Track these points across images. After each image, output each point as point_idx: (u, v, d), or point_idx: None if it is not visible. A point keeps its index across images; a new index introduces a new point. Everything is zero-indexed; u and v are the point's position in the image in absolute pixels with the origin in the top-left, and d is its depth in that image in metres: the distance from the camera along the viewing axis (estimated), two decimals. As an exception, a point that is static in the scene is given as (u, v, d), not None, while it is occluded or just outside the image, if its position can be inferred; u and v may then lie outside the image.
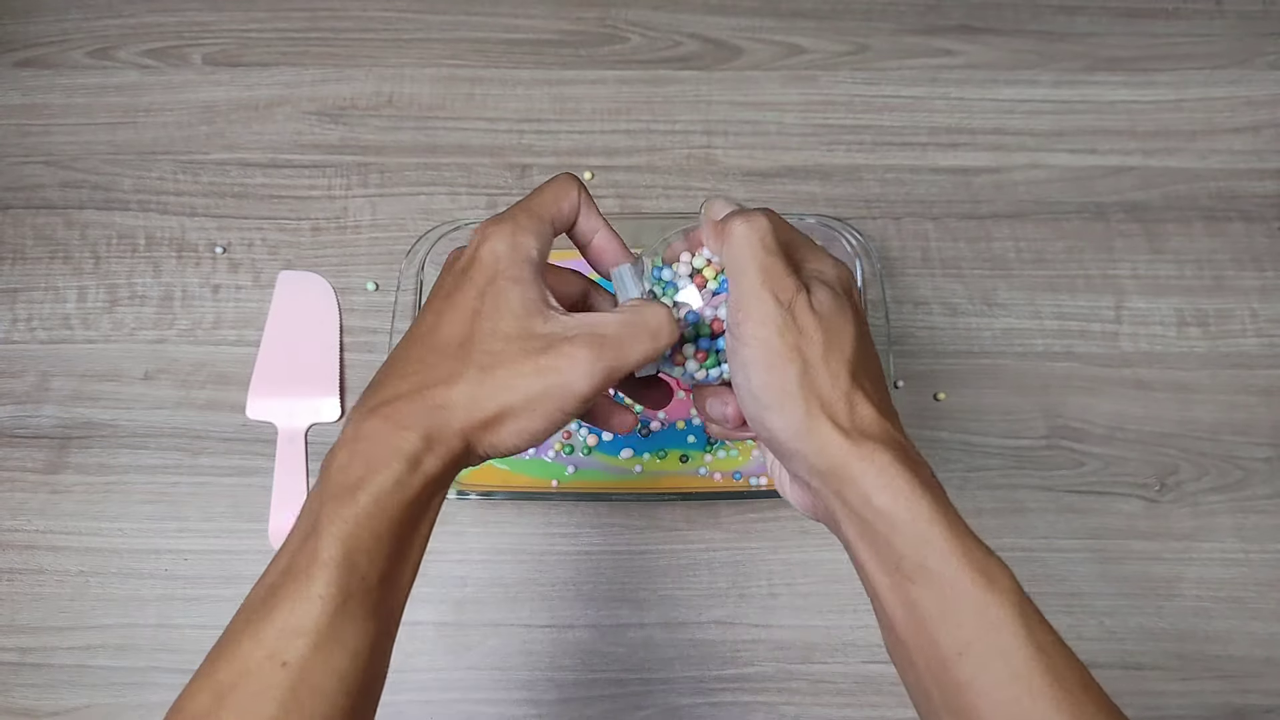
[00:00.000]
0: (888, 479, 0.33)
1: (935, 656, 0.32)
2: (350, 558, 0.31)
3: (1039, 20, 0.70)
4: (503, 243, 0.35)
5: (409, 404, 0.33)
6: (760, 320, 0.34)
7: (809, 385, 0.34)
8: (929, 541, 0.32)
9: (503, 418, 0.33)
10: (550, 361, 0.33)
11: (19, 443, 0.60)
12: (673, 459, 0.58)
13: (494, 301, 0.34)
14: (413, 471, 0.32)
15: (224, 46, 0.68)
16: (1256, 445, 0.60)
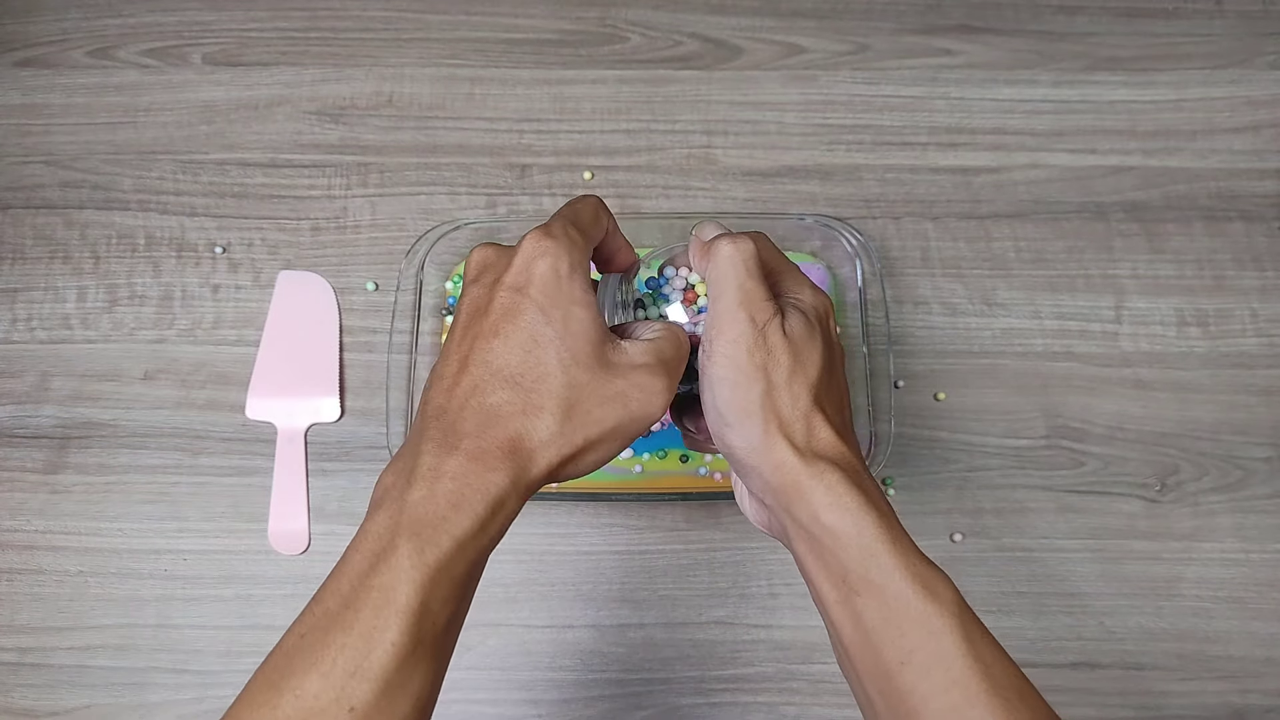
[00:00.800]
0: (835, 497, 0.34)
1: (879, 666, 0.34)
2: (426, 605, 0.30)
3: (1039, 20, 0.70)
4: (563, 262, 0.34)
5: (495, 444, 0.32)
6: (733, 339, 0.35)
7: (770, 405, 0.35)
8: (873, 556, 0.34)
9: (585, 450, 0.34)
10: (631, 392, 0.34)
11: (19, 443, 0.60)
12: (673, 459, 0.58)
13: (564, 329, 0.33)
14: (496, 515, 0.31)
15: (224, 46, 0.68)
16: (1256, 445, 0.60)
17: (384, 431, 0.56)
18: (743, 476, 0.38)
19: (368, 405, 0.60)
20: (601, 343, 0.34)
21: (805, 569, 0.36)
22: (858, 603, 0.34)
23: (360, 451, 0.60)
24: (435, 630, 0.30)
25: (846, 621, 0.35)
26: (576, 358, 0.33)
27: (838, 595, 0.35)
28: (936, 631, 0.33)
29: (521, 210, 0.64)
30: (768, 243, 0.39)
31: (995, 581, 0.57)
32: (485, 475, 0.31)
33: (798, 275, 0.40)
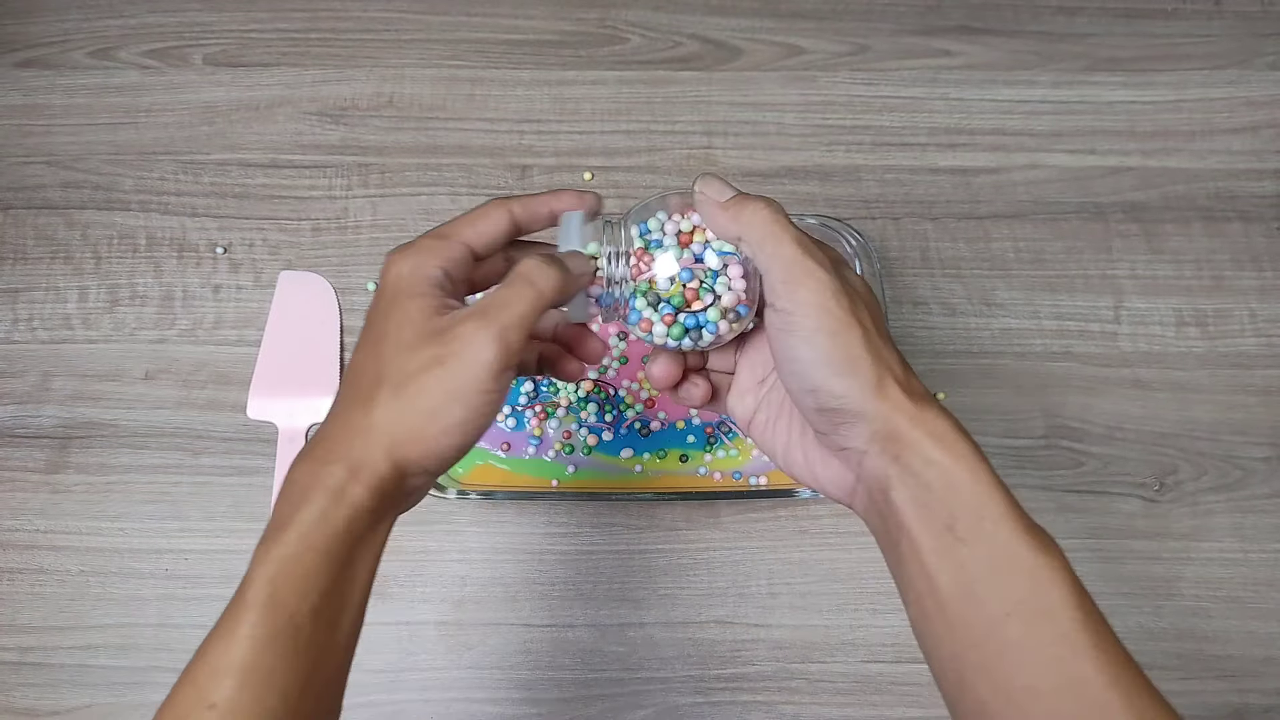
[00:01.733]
0: (950, 443, 0.34)
1: (980, 616, 0.33)
2: (277, 596, 0.31)
3: (1038, 21, 0.70)
4: (405, 266, 0.36)
5: (333, 440, 0.34)
6: (814, 288, 0.35)
7: (873, 349, 0.35)
8: (987, 505, 0.33)
9: (423, 425, 0.34)
10: (448, 348, 0.34)
11: (20, 442, 0.60)
12: (673, 459, 0.58)
13: (398, 319, 0.35)
14: (337, 503, 0.32)
15: (225, 47, 0.68)
16: (1255, 445, 0.60)
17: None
18: (837, 431, 0.36)
19: (368, 405, 0.61)
20: (428, 319, 0.35)
21: (901, 519, 0.35)
22: (963, 551, 0.33)
23: (361, 451, 0.60)
24: (296, 621, 0.31)
25: (946, 571, 0.34)
26: (404, 341, 0.34)
27: (939, 544, 0.34)
28: (1045, 583, 0.32)
29: (522, 211, 0.65)
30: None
31: (994, 581, 0.57)
32: (322, 469, 0.33)
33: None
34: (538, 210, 0.39)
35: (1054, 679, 0.32)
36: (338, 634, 0.33)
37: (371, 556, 0.34)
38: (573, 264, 0.38)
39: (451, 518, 0.59)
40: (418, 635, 0.57)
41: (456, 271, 0.37)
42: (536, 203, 0.39)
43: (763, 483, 0.58)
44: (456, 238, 0.37)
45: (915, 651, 0.56)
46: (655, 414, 0.59)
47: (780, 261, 0.35)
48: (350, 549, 0.33)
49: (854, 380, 0.35)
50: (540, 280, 0.35)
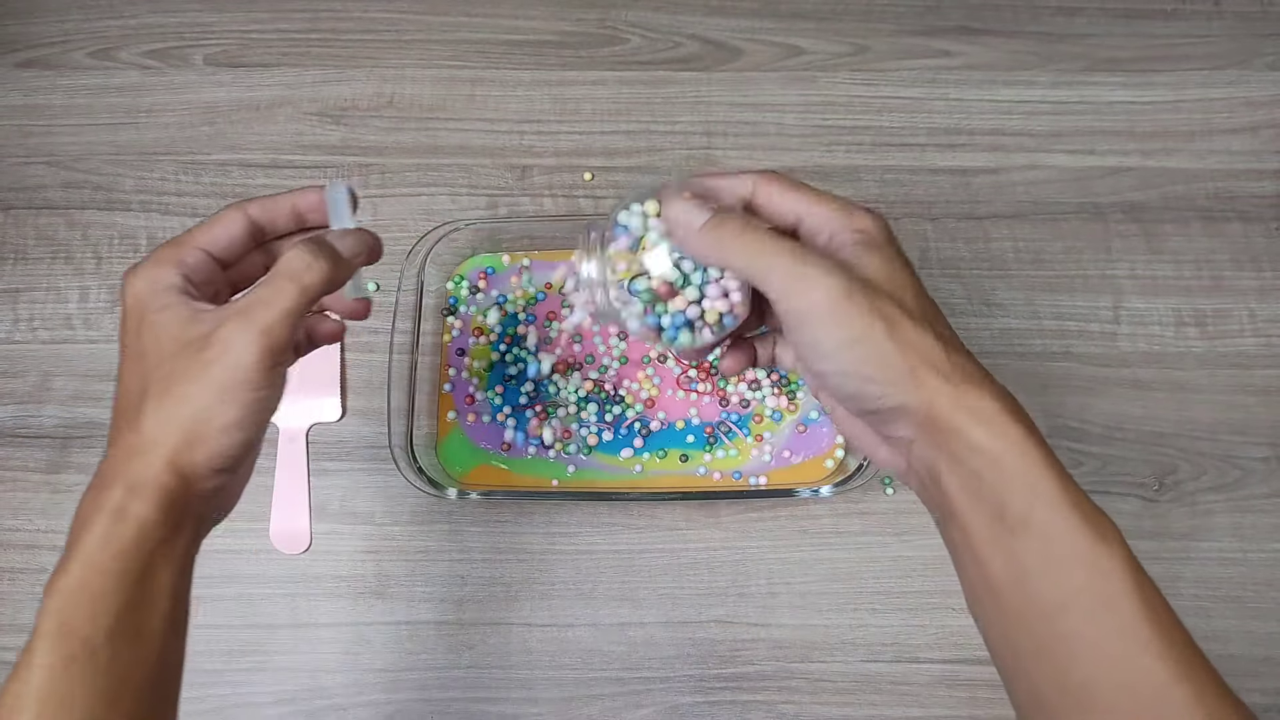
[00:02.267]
0: (996, 427, 0.32)
1: (1035, 608, 0.32)
2: (67, 624, 0.32)
3: (1038, 21, 0.70)
4: (140, 281, 0.36)
5: (109, 464, 0.34)
6: (819, 298, 0.33)
7: (901, 340, 0.33)
8: (1038, 492, 0.32)
9: (199, 428, 0.34)
10: (212, 351, 0.34)
11: (21, 442, 0.60)
12: (673, 459, 0.58)
13: (151, 334, 0.35)
14: (119, 522, 0.33)
15: (225, 47, 0.68)
16: (1254, 445, 0.60)
17: (385, 431, 0.56)
18: (883, 424, 0.35)
19: (369, 405, 0.61)
20: (185, 326, 0.35)
21: (953, 508, 0.34)
22: (1014, 542, 0.32)
23: (361, 451, 0.60)
24: (91, 645, 0.31)
25: (997, 560, 0.33)
26: (164, 352, 0.35)
27: (990, 533, 0.33)
28: (1104, 574, 0.31)
29: (522, 211, 0.65)
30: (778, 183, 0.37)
31: (994, 581, 0.58)
32: (101, 494, 0.33)
33: (833, 201, 0.37)
34: (277, 209, 0.40)
35: (1115, 674, 0.30)
36: (145, 647, 0.33)
37: (173, 568, 0.34)
38: (343, 245, 0.37)
39: (451, 518, 0.59)
40: (418, 635, 0.57)
41: (197, 275, 0.37)
42: (275, 202, 0.40)
43: (763, 483, 0.58)
44: (190, 244, 0.38)
45: (915, 651, 0.57)
46: (655, 414, 0.59)
47: (778, 279, 0.34)
48: (144, 565, 0.33)
49: (885, 381, 0.33)
50: (304, 275, 0.35)
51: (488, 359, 0.60)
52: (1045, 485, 0.32)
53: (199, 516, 0.35)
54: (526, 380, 0.60)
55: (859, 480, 0.54)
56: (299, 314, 0.35)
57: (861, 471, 0.55)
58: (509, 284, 0.62)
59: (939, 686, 0.56)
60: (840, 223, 0.36)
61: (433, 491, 0.55)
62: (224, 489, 0.36)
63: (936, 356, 0.33)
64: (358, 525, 0.59)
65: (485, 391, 0.60)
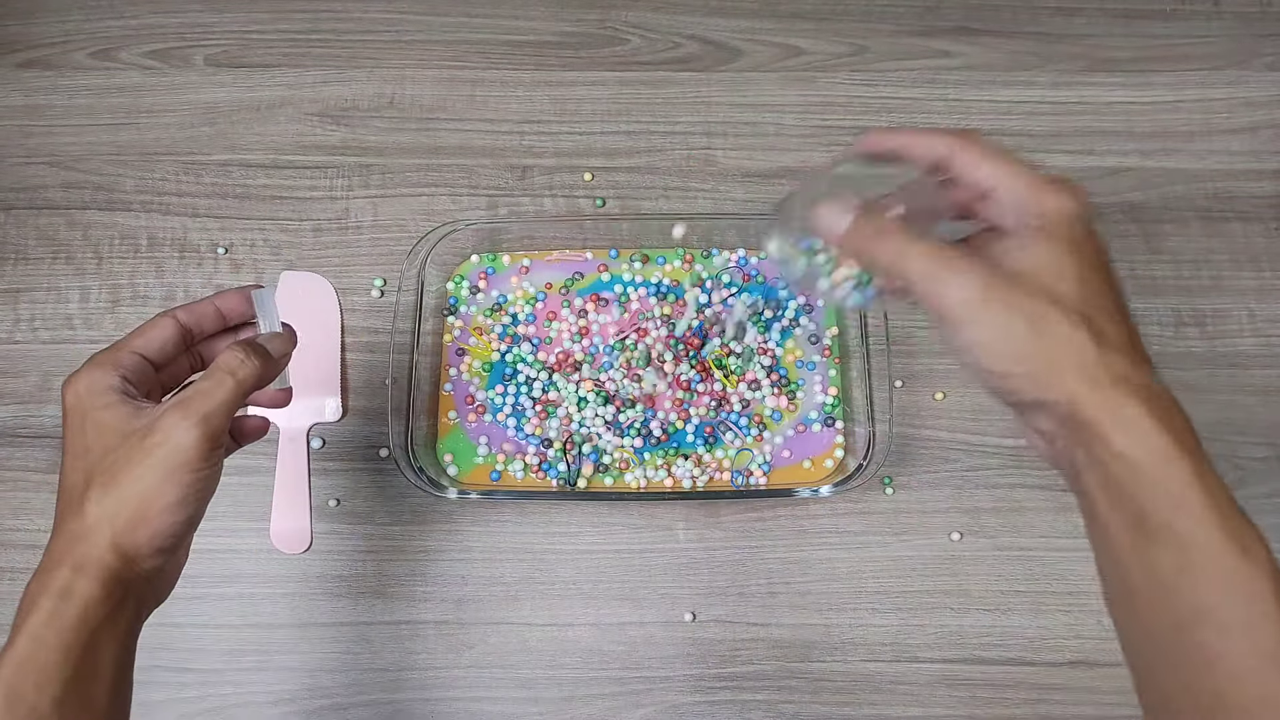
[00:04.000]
0: (1139, 434, 0.32)
1: (1171, 616, 0.31)
2: (15, 692, 0.34)
3: (1037, 21, 0.70)
4: (81, 384, 0.39)
5: (55, 548, 0.37)
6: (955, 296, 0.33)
7: (1047, 339, 0.33)
8: (1181, 504, 0.31)
9: (143, 509, 0.37)
10: (154, 438, 0.37)
11: (21, 442, 0.60)
12: (673, 459, 0.58)
13: (95, 431, 0.38)
14: (64, 600, 0.36)
15: (226, 48, 0.69)
16: (1254, 445, 0.60)
17: (385, 431, 0.56)
18: (1025, 416, 0.35)
19: (369, 405, 0.61)
20: (128, 421, 0.38)
21: (1094, 507, 0.33)
22: (1153, 550, 0.31)
23: (362, 451, 0.60)
24: (38, 712, 0.34)
25: (1135, 566, 0.32)
26: (107, 445, 0.38)
27: (1129, 539, 0.32)
28: (1244, 592, 0.30)
29: (522, 211, 0.65)
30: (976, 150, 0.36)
31: (994, 580, 0.58)
32: (47, 576, 0.37)
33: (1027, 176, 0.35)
34: (203, 312, 0.44)
35: (1249, 692, 0.30)
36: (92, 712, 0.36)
37: (116, 642, 0.37)
38: (272, 347, 0.41)
39: (452, 517, 0.59)
40: (418, 634, 0.57)
41: (134, 376, 0.40)
42: (200, 306, 0.44)
43: (762, 483, 0.58)
44: (127, 348, 0.41)
45: (915, 651, 0.57)
46: (655, 414, 0.59)
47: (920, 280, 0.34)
48: (88, 639, 0.36)
49: (1022, 375, 0.33)
50: (240, 371, 0.39)
51: (488, 359, 0.60)
52: (1189, 496, 0.31)
53: (140, 597, 0.38)
54: (526, 381, 0.60)
55: (859, 480, 0.55)
56: (234, 404, 0.39)
57: (861, 471, 0.55)
58: (509, 284, 0.62)
59: (939, 686, 0.56)
60: (1027, 205, 0.35)
61: (433, 491, 0.55)
62: (163, 570, 0.40)
63: (1087, 356, 0.33)
64: (358, 525, 0.59)
65: (485, 391, 0.60)
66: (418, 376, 0.57)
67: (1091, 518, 0.34)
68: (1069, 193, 0.35)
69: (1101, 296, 0.34)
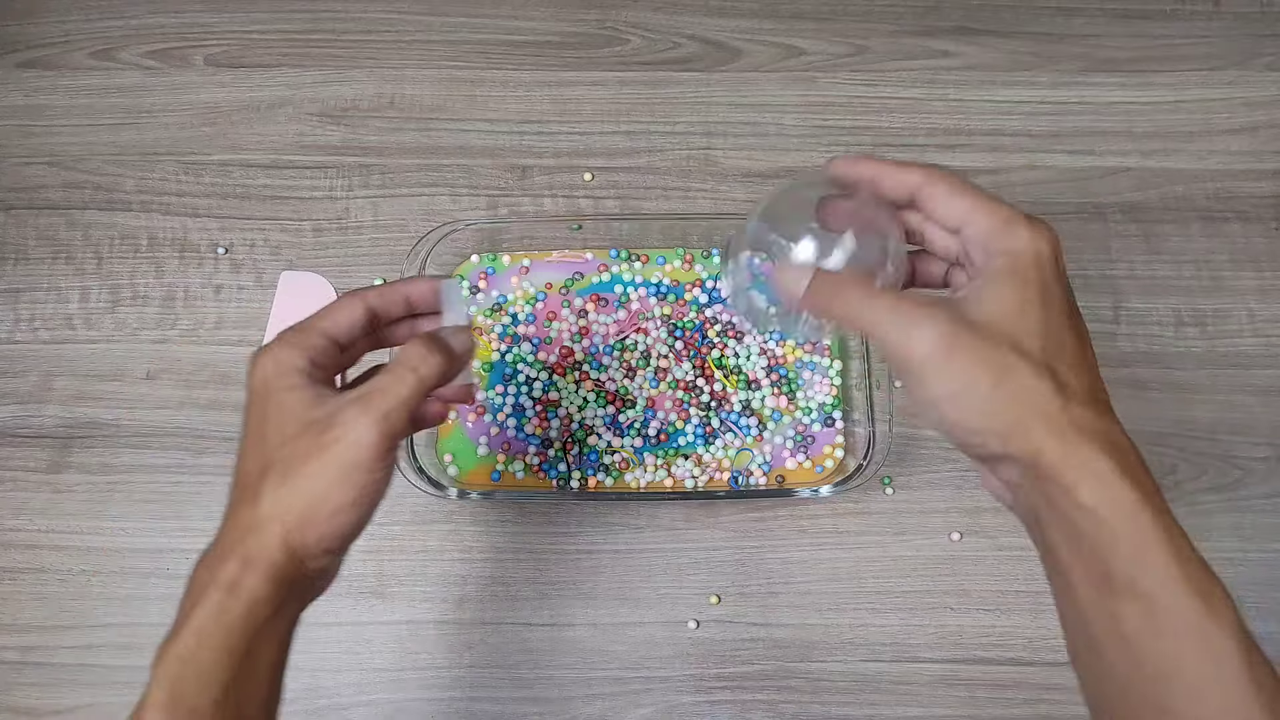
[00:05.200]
0: (1109, 486, 0.31)
1: (1137, 673, 0.31)
2: (176, 694, 0.33)
3: (1037, 22, 0.70)
4: (268, 362, 0.37)
5: (226, 538, 0.36)
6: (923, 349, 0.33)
7: (1011, 392, 0.32)
8: (1146, 559, 0.31)
9: (314, 506, 0.35)
10: (331, 434, 0.35)
11: (22, 442, 0.60)
12: (673, 458, 0.58)
13: (276, 415, 0.37)
14: (232, 595, 0.34)
15: (226, 48, 0.69)
16: (1254, 445, 0.60)
17: (385, 431, 0.56)
18: (990, 466, 0.35)
19: (369, 405, 0.61)
20: (309, 409, 0.36)
21: (1057, 561, 0.33)
22: (1119, 606, 0.31)
23: (362, 451, 0.60)
24: (197, 715, 0.33)
25: (1100, 621, 0.32)
26: (286, 433, 0.36)
27: (1095, 594, 0.32)
28: (1214, 652, 0.30)
29: (523, 211, 0.65)
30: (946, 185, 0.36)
31: (994, 580, 0.58)
32: (217, 567, 0.35)
33: (998, 213, 0.35)
34: (393, 297, 0.41)
35: None
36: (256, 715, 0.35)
37: (276, 644, 0.36)
38: (456, 342, 0.39)
39: (452, 518, 0.59)
40: (418, 634, 0.57)
41: (321, 359, 0.38)
42: (391, 291, 0.41)
43: (762, 483, 0.58)
44: (315, 328, 0.39)
45: (915, 651, 0.57)
46: (655, 414, 0.59)
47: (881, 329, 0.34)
48: (249, 640, 0.34)
49: (986, 431, 0.33)
50: (422, 367, 0.37)
51: (488, 359, 0.60)
52: (1154, 552, 0.31)
53: (300, 597, 0.37)
54: (526, 381, 0.60)
55: (859, 480, 0.55)
56: (415, 402, 0.37)
57: (861, 471, 0.55)
58: (509, 284, 0.62)
59: (939, 686, 0.56)
60: (994, 242, 0.35)
61: (433, 491, 0.55)
62: (327, 569, 0.38)
63: (1051, 407, 0.32)
64: (358, 525, 0.59)
65: (485, 391, 0.60)
66: (418, 376, 0.57)
67: (1055, 570, 0.34)
68: (1039, 231, 0.34)
69: (1066, 344, 0.34)
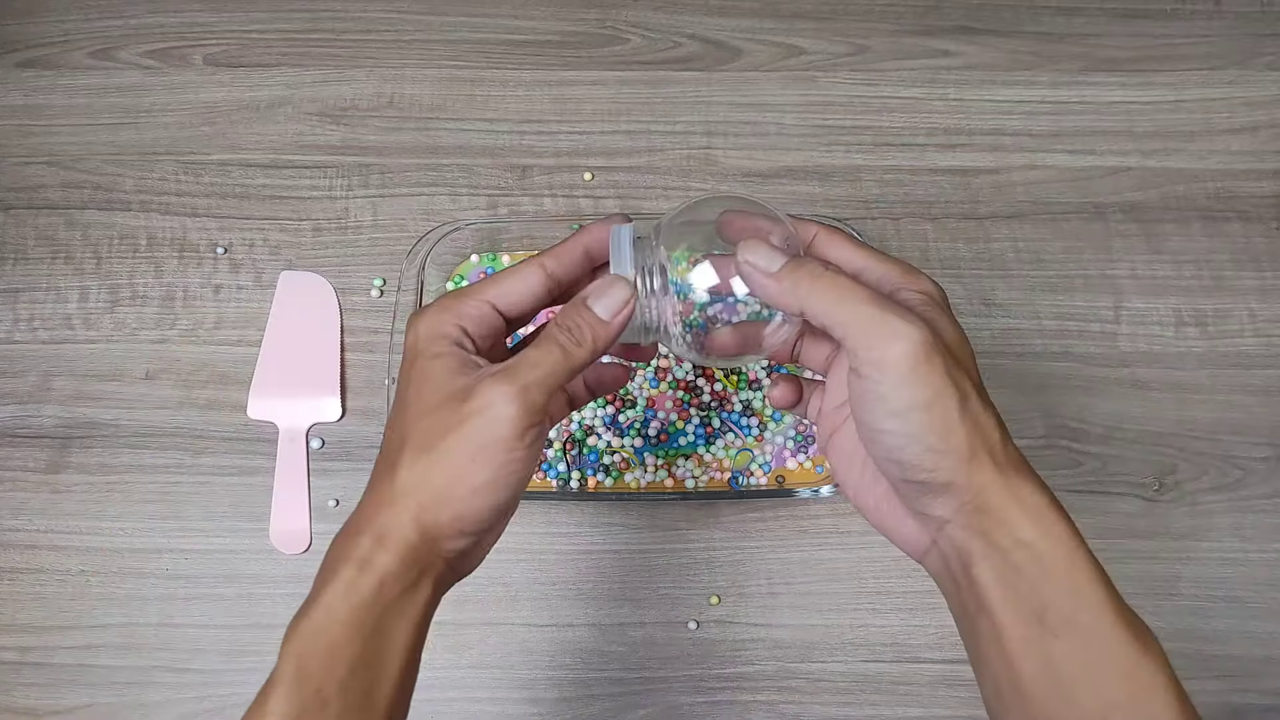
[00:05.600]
0: (1047, 522, 0.31)
1: (1070, 716, 0.31)
2: (303, 671, 0.31)
3: (1037, 21, 0.70)
4: (421, 326, 0.36)
5: (362, 511, 0.34)
6: (904, 351, 0.31)
7: (970, 416, 0.32)
8: (1083, 595, 0.31)
9: (449, 485, 0.33)
10: (469, 406, 0.33)
11: (20, 442, 0.60)
12: (673, 459, 0.58)
13: (419, 381, 0.35)
14: (363, 572, 0.32)
15: (225, 47, 0.68)
16: (1255, 445, 0.60)
17: (385, 431, 0.56)
18: (922, 498, 0.34)
19: (369, 405, 0.61)
20: (452, 378, 0.34)
21: (984, 599, 0.32)
22: (1054, 644, 0.31)
23: (361, 451, 0.60)
24: (323, 695, 0.31)
25: (1032, 661, 0.31)
26: (425, 404, 0.34)
27: (1027, 633, 0.31)
28: (1146, 688, 0.30)
29: (522, 211, 0.65)
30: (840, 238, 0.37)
31: (994, 581, 0.58)
32: (350, 541, 0.33)
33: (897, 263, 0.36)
34: (570, 257, 0.38)
35: None
36: (374, 704, 0.32)
37: (408, 625, 0.33)
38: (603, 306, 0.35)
39: (452, 517, 0.59)
40: (418, 635, 0.57)
41: (477, 329, 0.36)
42: (567, 251, 0.38)
43: (763, 483, 0.58)
44: (478, 295, 0.36)
45: (915, 651, 0.57)
46: (656, 414, 0.59)
47: (858, 326, 0.32)
48: (379, 618, 0.32)
49: (945, 454, 0.32)
50: (568, 342, 0.34)
51: (488, 359, 0.60)
52: (1091, 589, 0.31)
53: (437, 579, 0.34)
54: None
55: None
56: (562, 381, 0.34)
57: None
58: (509, 284, 0.62)
59: (939, 686, 0.56)
60: (903, 281, 0.35)
61: (433, 491, 0.55)
62: (468, 552, 0.35)
63: (994, 440, 0.32)
64: (358, 525, 0.59)
65: (485, 391, 0.60)
66: (417, 376, 0.57)
67: (979, 612, 0.33)
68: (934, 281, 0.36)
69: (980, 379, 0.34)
